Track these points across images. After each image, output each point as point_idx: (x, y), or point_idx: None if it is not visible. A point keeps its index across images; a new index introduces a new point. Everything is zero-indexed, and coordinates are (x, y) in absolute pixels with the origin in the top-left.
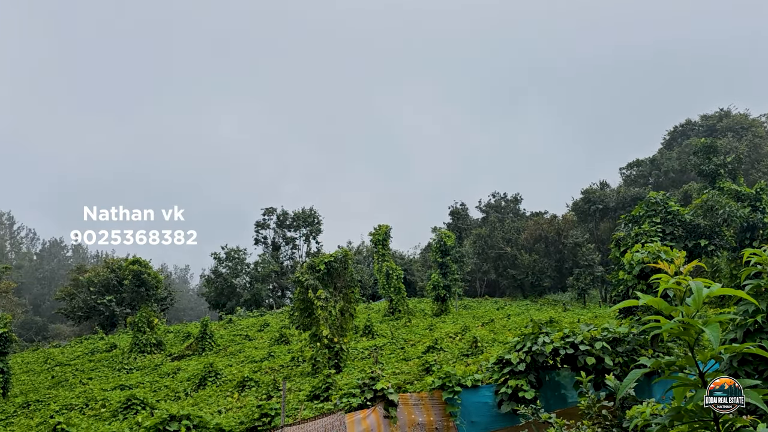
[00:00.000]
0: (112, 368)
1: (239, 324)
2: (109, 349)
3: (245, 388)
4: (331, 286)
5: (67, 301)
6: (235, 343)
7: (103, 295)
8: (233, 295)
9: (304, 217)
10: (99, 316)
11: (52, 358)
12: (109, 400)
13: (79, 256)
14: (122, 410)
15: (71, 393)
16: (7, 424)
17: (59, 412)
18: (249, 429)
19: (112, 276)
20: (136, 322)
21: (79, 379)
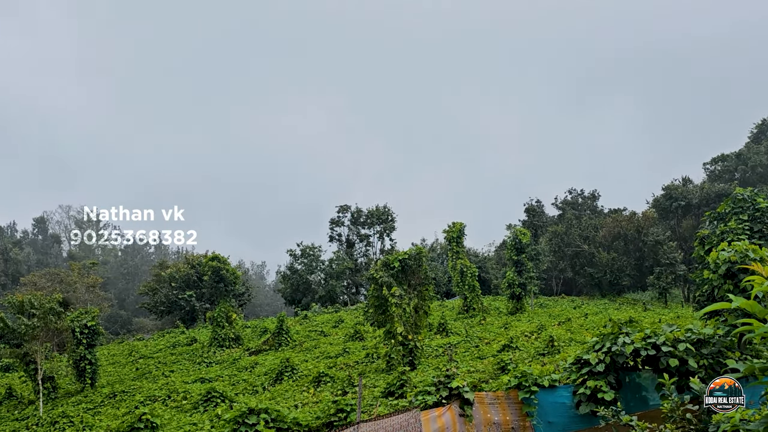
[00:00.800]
0: (192, 361)
1: (314, 320)
2: (189, 342)
3: (320, 384)
4: (406, 283)
5: (150, 296)
6: (310, 338)
7: (183, 290)
8: (308, 291)
9: (378, 214)
10: (180, 311)
11: (136, 350)
12: (190, 392)
13: (161, 253)
14: (203, 402)
15: (154, 385)
16: (95, 413)
17: (143, 402)
18: (325, 424)
19: (192, 272)
20: (215, 317)
21: (161, 372)
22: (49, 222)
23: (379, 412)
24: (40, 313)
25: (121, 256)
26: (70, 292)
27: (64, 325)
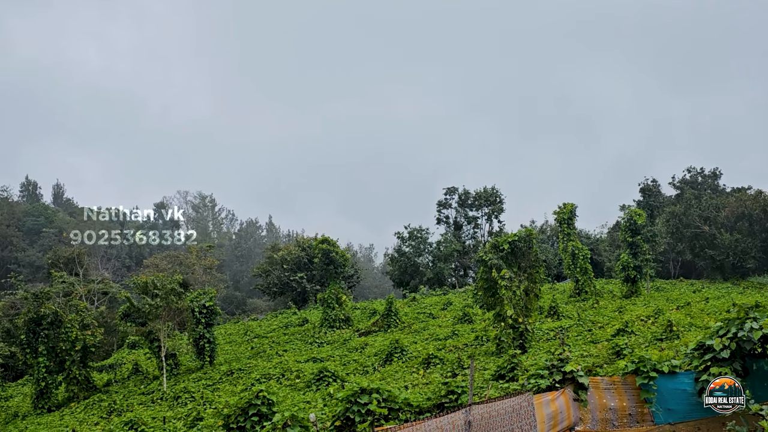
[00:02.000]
0: (304, 341)
1: (422, 302)
2: (301, 323)
3: (430, 365)
4: (516, 265)
5: (263, 277)
6: (419, 320)
7: (295, 272)
8: (416, 273)
9: (486, 196)
10: (291, 292)
11: (251, 330)
12: (303, 371)
13: (273, 236)
14: (315, 381)
15: (269, 363)
16: (214, 390)
17: (259, 380)
18: (436, 405)
19: (303, 254)
20: (326, 299)
21: (275, 351)
22: (168, 207)
23: (490, 395)
24: (162, 294)
25: (234, 239)
26: (189, 273)
27: (185, 305)
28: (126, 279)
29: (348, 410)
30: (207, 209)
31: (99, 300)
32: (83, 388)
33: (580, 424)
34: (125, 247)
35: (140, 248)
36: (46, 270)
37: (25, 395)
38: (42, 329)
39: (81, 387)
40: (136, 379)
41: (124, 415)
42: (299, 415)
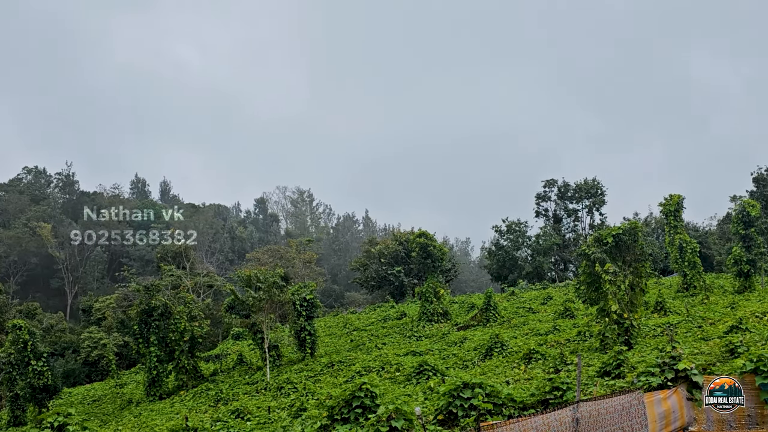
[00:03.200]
0: (402, 335)
1: (521, 296)
2: (399, 317)
3: (531, 361)
4: (620, 259)
5: (361, 271)
6: (518, 315)
7: (392, 266)
8: (515, 267)
9: (587, 188)
10: (389, 286)
11: (350, 323)
12: (403, 364)
13: (369, 230)
14: (415, 375)
15: (368, 356)
16: (315, 381)
17: (359, 373)
18: (540, 401)
19: (400, 248)
20: (424, 293)
21: (374, 344)
22: (268, 202)
23: (596, 392)
24: (265, 287)
25: (332, 234)
26: (289, 267)
27: (286, 297)
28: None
29: (450, 404)
30: (305, 204)
31: (205, 292)
32: (192, 377)
33: (695, 424)
34: (228, 241)
35: (242, 242)
36: (155, 264)
37: (138, 383)
38: (153, 320)
39: (189, 376)
40: (241, 370)
41: (231, 404)
42: (403, 408)
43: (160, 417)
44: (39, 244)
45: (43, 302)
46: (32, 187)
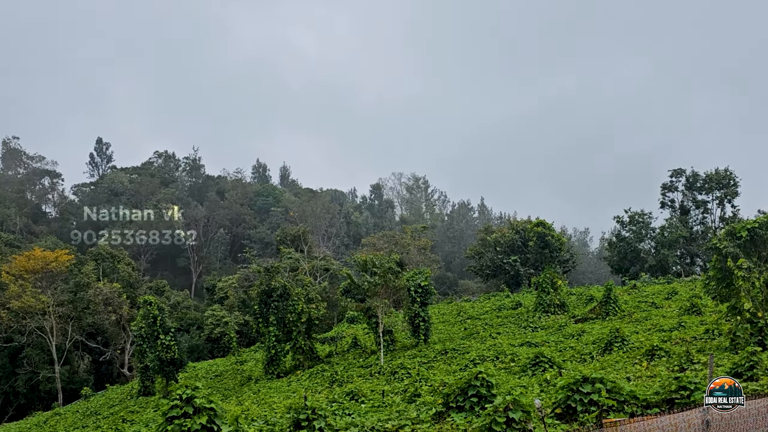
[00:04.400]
0: (518, 325)
1: (644, 290)
2: (514, 306)
3: (654, 357)
4: (755, 255)
5: (476, 259)
6: (640, 309)
7: (508, 254)
8: (637, 260)
9: (718, 178)
10: (504, 275)
11: (464, 311)
12: (518, 355)
13: (484, 217)
14: (531, 366)
15: (482, 345)
16: (429, 367)
17: (473, 361)
18: (665, 400)
19: (517, 237)
20: (540, 283)
21: (488, 333)
22: (383, 188)
23: None
24: (380, 272)
25: (447, 221)
26: (404, 253)
27: (401, 283)
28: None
29: (569, 398)
30: (420, 191)
31: (321, 276)
32: (308, 358)
33: None
34: (343, 226)
35: (357, 227)
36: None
37: (257, 361)
38: (272, 301)
39: (306, 356)
40: (355, 353)
41: (345, 386)
42: (521, 400)
43: (278, 394)
44: (167, 225)
45: (170, 280)
46: (162, 171)
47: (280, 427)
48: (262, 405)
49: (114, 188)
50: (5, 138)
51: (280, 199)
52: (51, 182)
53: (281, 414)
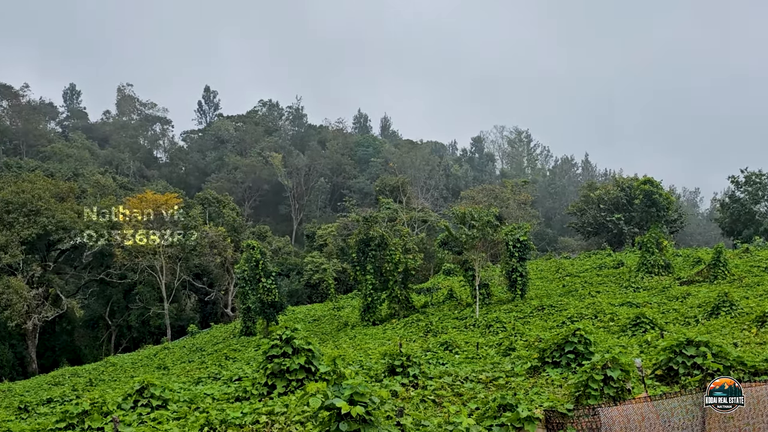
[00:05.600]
0: (619, 285)
1: (757, 254)
2: (616, 266)
3: (765, 324)
4: None
5: (578, 216)
6: (752, 274)
7: (612, 212)
8: (751, 223)
9: None
10: (607, 233)
11: (563, 268)
12: (617, 315)
13: (588, 174)
14: (631, 327)
15: (581, 303)
16: (525, 323)
17: (571, 319)
18: None
19: (622, 194)
20: (645, 243)
21: (587, 291)
22: (484, 141)
23: None
24: (479, 225)
25: (549, 176)
26: (503, 207)
27: (499, 237)
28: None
29: (671, 360)
30: (522, 145)
31: (419, 227)
32: (403, 307)
33: None
34: (443, 178)
35: (456, 180)
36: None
37: (353, 307)
38: (370, 250)
39: (401, 306)
40: (450, 304)
41: (440, 336)
42: (620, 359)
43: (373, 341)
44: (270, 173)
45: (272, 226)
46: (266, 119)
47: (375, 371)
48: (357, 350)
49: (220, 135)
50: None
51: (380, 149)
52: (162, 128)
53: (376, 360)
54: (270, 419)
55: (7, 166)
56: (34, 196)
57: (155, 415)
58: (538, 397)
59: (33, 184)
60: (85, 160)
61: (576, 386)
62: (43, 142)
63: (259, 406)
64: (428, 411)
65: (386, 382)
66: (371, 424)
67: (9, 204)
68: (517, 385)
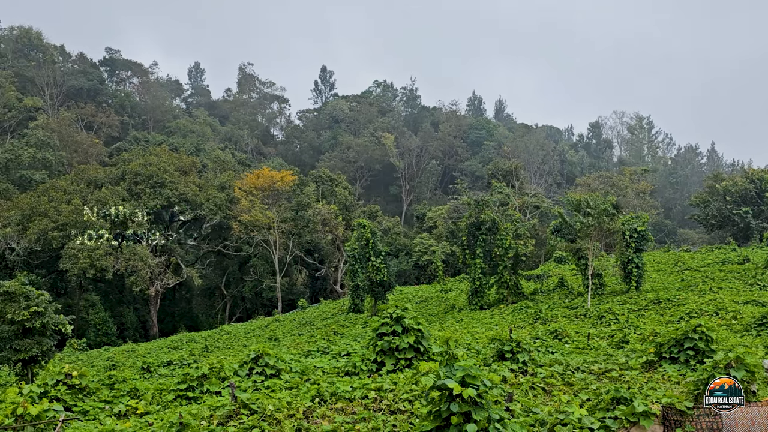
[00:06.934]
0: (743, 281)
1: None
2: (741, 261)
3: None
4: None
5: (701, 208)
6: None
7: (738, 205)
8: None
9: None
10: (732, 227)
11: (682, 261)
12: (741, 313)
13: (714, 164)
14: (756, 326)
15: (701, 299)
16: (639, 315)
17: (689, 314)
18: None
19: (751, 187)
20: None
21: (708, 287)
22: (602, 127)
23: None
24: (594, 213)
25: (670, 165)
26: (621, 196)
27: (616, 226)
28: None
29: None
30: (643, 132)
31: (531, 213)
32: (512, 293)
33: None
34: (557, 164)
35: (572, 166)
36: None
37: (461, 291)
38: (480, 234)
39: (510, 291)
40: (561, 293)
41: (549, 324)
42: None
43: (480, 325)
44: (383, 153)
45: (382, 206)
46: (380, 100)
47: (483, 355)
48: (464, 333)
49: (335, 115)
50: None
51: (494, 133)
52: (279, 107)
53: (484, 344)
54: (379, 395)
55: (135, 139)
56: (159, 169)
57: (269, 383)
58: (654, 393)
59: (159, 158)
60: (207, 136)
61: (695, 384)
62: (169, 118)
63: (368, 381)
64: (537, 399)
65: (495, 366)
66: (481, 407)
67: (137, 176)
68: (631, 379)
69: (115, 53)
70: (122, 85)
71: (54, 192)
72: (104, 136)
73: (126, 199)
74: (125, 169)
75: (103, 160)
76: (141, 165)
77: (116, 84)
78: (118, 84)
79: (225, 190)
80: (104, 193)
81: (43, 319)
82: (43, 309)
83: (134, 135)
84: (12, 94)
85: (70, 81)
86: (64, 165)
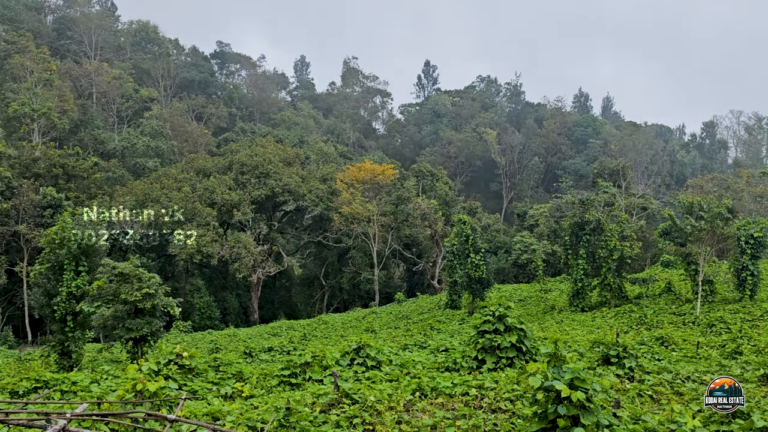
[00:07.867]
0: None
1: None
2: None
3: None
4: None
5: None
6: None
7: None
8: None
9: None
10: None
11: None
12: None
13: None
14: None
15: None
16: (753, 326)
17: None
18: None
19: None
20: None
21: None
22: (717, 127)
23: None
24: (707, 217)
25: None
26: (736, 199)
27: (730, 231)
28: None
29: None
30: (762, 132)
31: (638, 214)
32: (615, 296)
33: None
34: (666, 164)
35: (682, 167)
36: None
37: (561, 291)
38: (584, 234)
39: (613, 294)
40: (668, 298)
41: (654, 330)
42: None
43: (581, 327)
44: (484, 149)
45: (482, 202)
46: (483, 95)
47: (588, 359)
48: (564, 334)
49: (437, 110)
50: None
51: (600, 131)
52: (382, 101)
53: (585, 347)
54: (480, 393)
55: (242, 131)
56: (265, 160)
57: (370, 374)
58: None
59: (264, 149)
60: (310, 129)
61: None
62: (274, 110)
63: (469, 378)
64: (644, 406)
65: (600, 370)
66: (590, 411)
67: (243, 166)
68: (748, 393)
69: (225, 47)
70: (231, 77)
71: (165, 179)
72: (213, 126)
73: (232, 188)
74: (232, 159)
75: (211, 149)
76: (247, 155)
77: (225, 76)
78: (227, 76)
79: (327, 182)
80: (212, 182)
81: (153, 301)
82: (154, 291)
83: (241, 126)
84: (130, 85)
85: (183, 73)
86: (175, 153)
